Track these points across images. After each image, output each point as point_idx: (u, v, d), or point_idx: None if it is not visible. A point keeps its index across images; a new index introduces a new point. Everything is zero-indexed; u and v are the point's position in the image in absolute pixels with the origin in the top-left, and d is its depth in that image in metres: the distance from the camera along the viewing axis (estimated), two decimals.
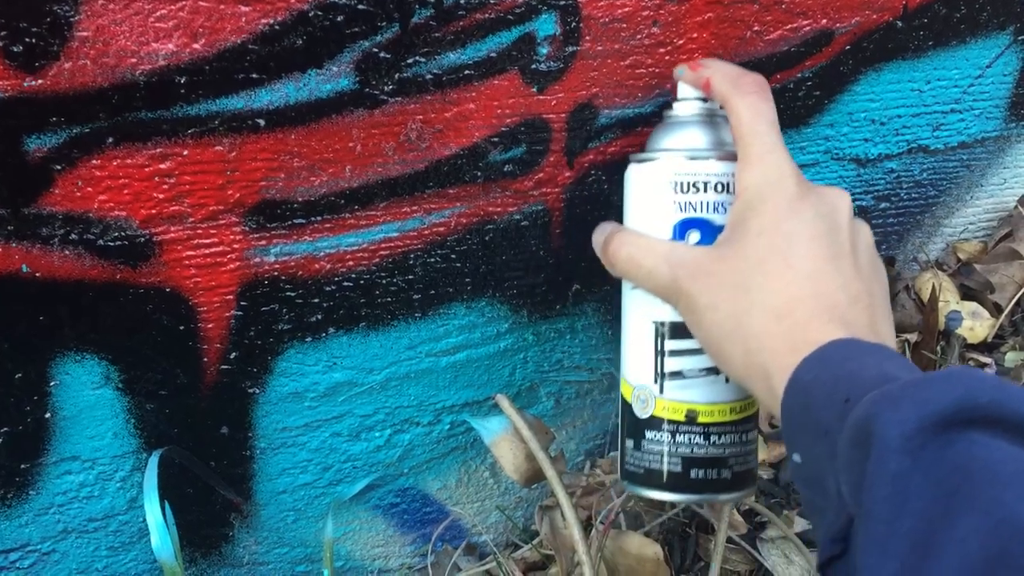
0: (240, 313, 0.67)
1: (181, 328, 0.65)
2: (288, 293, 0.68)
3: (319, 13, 0.59)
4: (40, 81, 0.54)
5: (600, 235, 0.59)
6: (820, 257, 0.50)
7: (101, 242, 0.60)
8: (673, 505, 0.84)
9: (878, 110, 0.88)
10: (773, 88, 0.80)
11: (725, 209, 0.55)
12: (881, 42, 0.84)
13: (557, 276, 0.79)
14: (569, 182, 0.74)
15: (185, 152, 0.60)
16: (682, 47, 0.73)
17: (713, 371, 0.57)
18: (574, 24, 0.67)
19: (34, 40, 0.53)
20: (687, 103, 0.59)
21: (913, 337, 1.03)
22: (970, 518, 0.32)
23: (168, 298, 0.64)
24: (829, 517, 0.41)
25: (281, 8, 0.58)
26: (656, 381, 0.57)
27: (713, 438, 0.57)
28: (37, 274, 0.59)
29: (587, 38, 0.68)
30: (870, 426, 0.36)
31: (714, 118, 0.59)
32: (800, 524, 0.91)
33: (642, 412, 0.58)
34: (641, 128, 0.75)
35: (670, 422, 0.57)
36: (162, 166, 0.60)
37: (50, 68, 0.54)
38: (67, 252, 0.59)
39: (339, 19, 0.60)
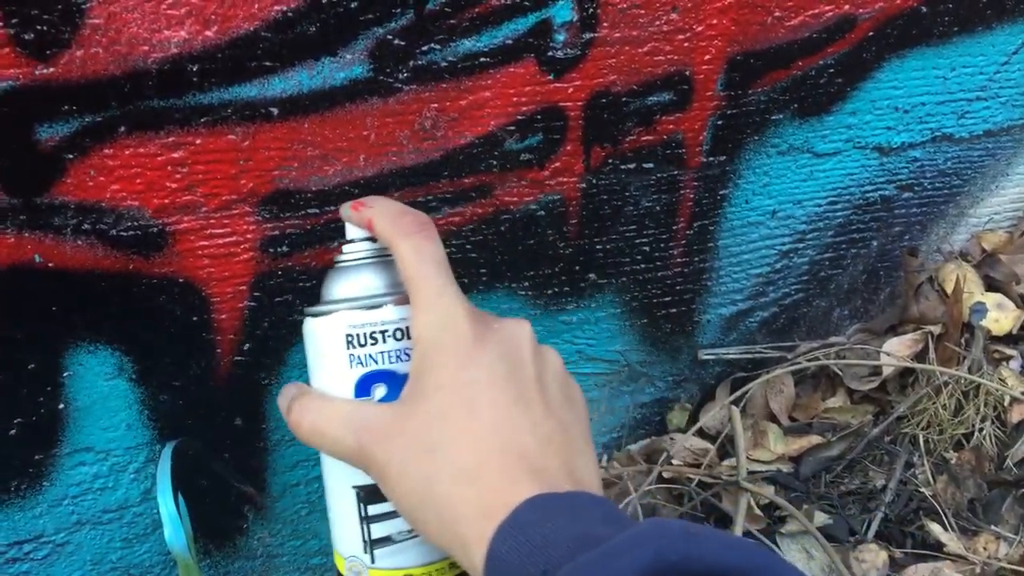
0: (254, 304, 0.66)
1: (194, 319, 0.65)
2: (302, 283, 0.67)
3: (332, 0, 0.58)
4: (52, 69, 0.54)
5: (284, 400, 0.54)
6: (504, 403, 0.46)
7: (114, 232, 0.59)
8: None
9: (902, 98, 0.87)
10: (793, 76, 0.79)
11: (408, 356, 0.51)
12: (905, 28, 0.82)
13: (574, 266, 0.78)
14: (586, 171, 0.73)
15: (198, 141, 0.59)
16: (701, 33, 0.71)
17: None
18: (591, 10, 0.66)
19: (46, 28, 0.53)
20: (356, 245, 0.54)
21: (937, 329, 1.01)
22: None
23: (181, 288, 0.63)
24: None
25: None
26: (366, 550, 0.52)
27: None
28: (50, 264, 0.59)
29: (604, 24, 0.67)
30: None
31: (386, 258, 0.54)
32: (820, 518, 0.90)
33: None
34: (660, 117, 0.74)
35: None
36: (175, 155, 0.59)
37: (62, 56, 0.54)
38: (79, 242, 0.59)
39: (353, 5, 0.59)
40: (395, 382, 0.51)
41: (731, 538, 0.37)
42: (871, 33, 0.81)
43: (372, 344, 0.51)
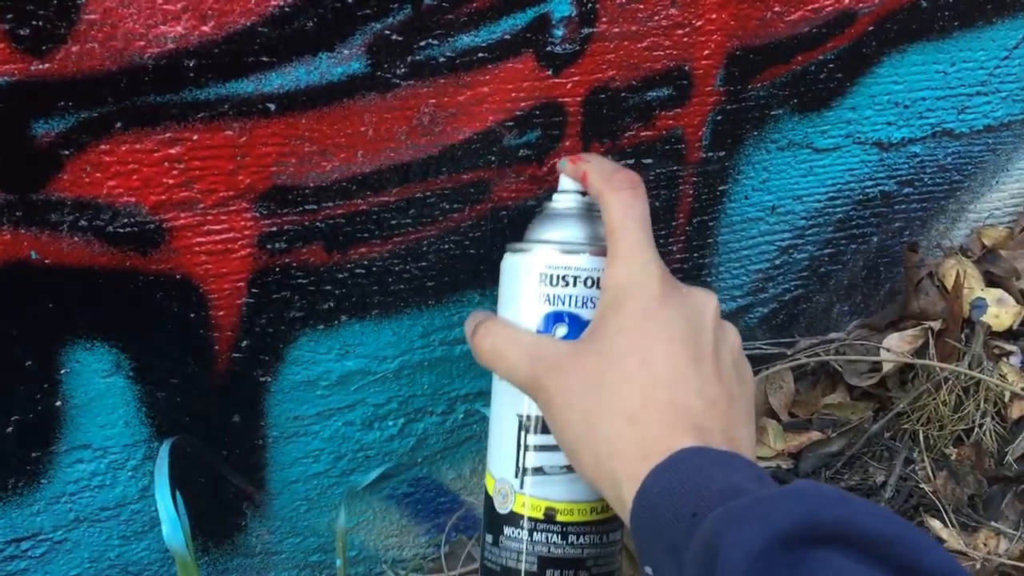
0: (251, 300, 0.66)
1: (192, 316, 0.65)
2: (300, 280, 0.67)
3: None
4: (47, 65, 0.53)
5: (470, 323, 0.58)
6: (678, 360, 0.49)
7: (110, 228, 0.59)
8: None
9: (902, 93, 0.86)
10: (793, 71, 0.79)
11: (594, 304, 0.55)
12: (905, 23, 0.82)
13: None
14: None
15: (195, 137, 0.59)
16: (701, 28, 0.71)
17: (574, 469, 0.54)
18: (590, 5, 0.66)
19: (41, 23, 0.52)
20: (566, 196, 0.59)
21: (937, 325, 1.01)
22: None
23: (178, 285, 0.63)
24: None
25: None
26: (517, 476, 0.56)
27: (572, 538, 0.55)
28: (46, 261, 0.58)
29: (603, 19, 0.67)
30: (715, 546, 0.36)
31: (591, 212, 0.58)
32: None
33: (502, 507, 0.57)
34: (659, 112, 0.74)
35: (529, 519, 0.55)
36: (172, 151, 0.59)
37: (57, 52, 0.53)
38: (76, 239, 0.59)
39: (350, 0, 0.59)
40: (577, 325, 0.55)
41: (886, 511, 0.37)
42: (871, 28, 0.80)
43: (564, 286, 0.55)
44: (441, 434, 0.81)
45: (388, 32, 0.61)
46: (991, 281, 1.06)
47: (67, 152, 0.56)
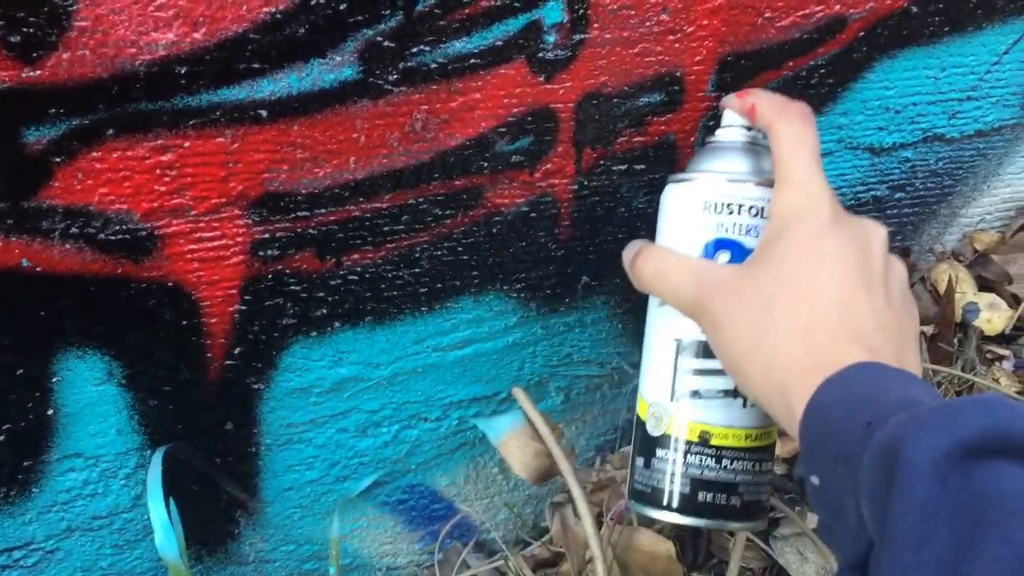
0: (244, 307, 0.66)
1: (184, 323, 0.64)
2: (292, 287, 0.67)
3: (321, 1, 0.58)
4: (38, 72, 0.53)
5: (630, 250, 0.59)
6: (849, 283, 0.49)
7: (102, 236, 0.59)
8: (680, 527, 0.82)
9: (893, 98, 0.87)
10: (784, 77, 0.79)
11: (757, 234, 0.55)
12: (895, 28, 0.82)
13: (566, 269, 0.78)
14: (577, 173, 0.73)
15: (186, 144, 0.59)
16: (692, 34, 0.71)
17: (731, 394, 0.56)
18: (582, 11, 0.66)
19: (32, 30, 0.52)
20: (730, 130, 0.59)
21: (929, 329, 1.01)
22: (996, 547, 0.32)
23: (171, 292, 0.63)
24: (848, 544, 0.40)
25: None
26: (672, 399, 0.57)
27: (725, 462, 0.56)
28: (38, 268, 0.58)
29: (595, 25, 0.67)
30: (897, 450, 0.35)
31: (755, 146, 0.59)
32: (814, 520, 0.90)
33: (655, 430, 0.57)
34: (651, 118, 0.74)
35: (683, 441, 0.56)
36: (163, 158, 0.59)
37: (48, 59, 0.53)
38: (68, 246, 0.58)
39: (342, 7, 0.59)
40: (739, 253, 0.55)
41: None
42: (862, 33, 0.81)
43: (728, 213, 0.55)
44: (435, 440, 0.81)
45: (380, 38, 0.61)
46: (983, 285, 1.06)
47: (58, 159, 0.56)
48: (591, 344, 0.84)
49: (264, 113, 0.60)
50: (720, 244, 0.56)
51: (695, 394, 0.56)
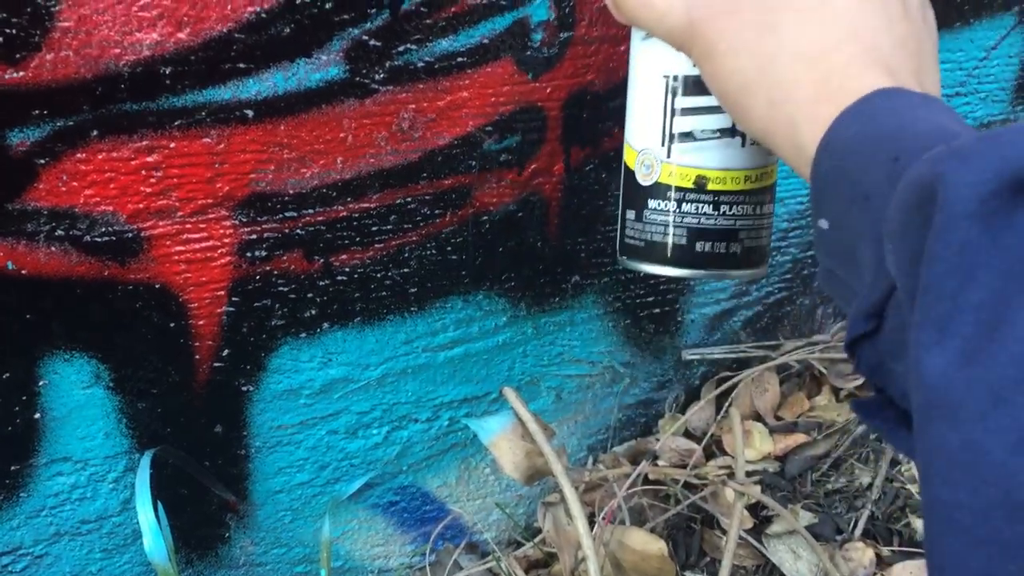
0: (232, 309, 0.65)
1: (172, 325, 0.64)
2: (281, 288, 0.66)
3: (307, 0, 0.58)
4: (22, 73, 0.53)
5: None
6: None
7: (88, 238, 0.59)
8: (677, 280, 0.77)
9: None
10: None
11: None
12: None
13: (555, 267, 0.78)
14: (566, 171, 0.73)
15: (172, 144, 0.58)
16: None
17: (728, 133, 0.50)
18: (568, 9, 0.66)
19: (15, 31, 0.52)
20: None
21: None
22: None
23: (158, 294, 0.63)
24: (862, 290, 0.36)
25: None
26: (663, 143, 0.51)
27: (723, 208, 0.51)
28: (23, 271, 0.58)
29: (582, 23, 0.67)
30: (935, 187, 0.31)
31: None
32: (807, 517, 0.90)
33: (646, 179, 0.52)
34: None
35: (677, 189, 0.51)
36: (149, 159, 0.58)
37: (32, 60, 0.53)
38: (53, 248, 0.58)
39: (328, 6, 0.59)
40: None
41: None
42: None
43: None
44: (426, 441, 0.81)
45: (366, 37, 0.60)
46: None
47: (43, 161, 0.56)
48: (581, 343, 0.84)
49: (250, 113, 0.60)
50: None
51: (688, 136, 0.51)
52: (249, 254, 0.64)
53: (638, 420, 0.96)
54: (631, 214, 0.54)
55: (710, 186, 0.51)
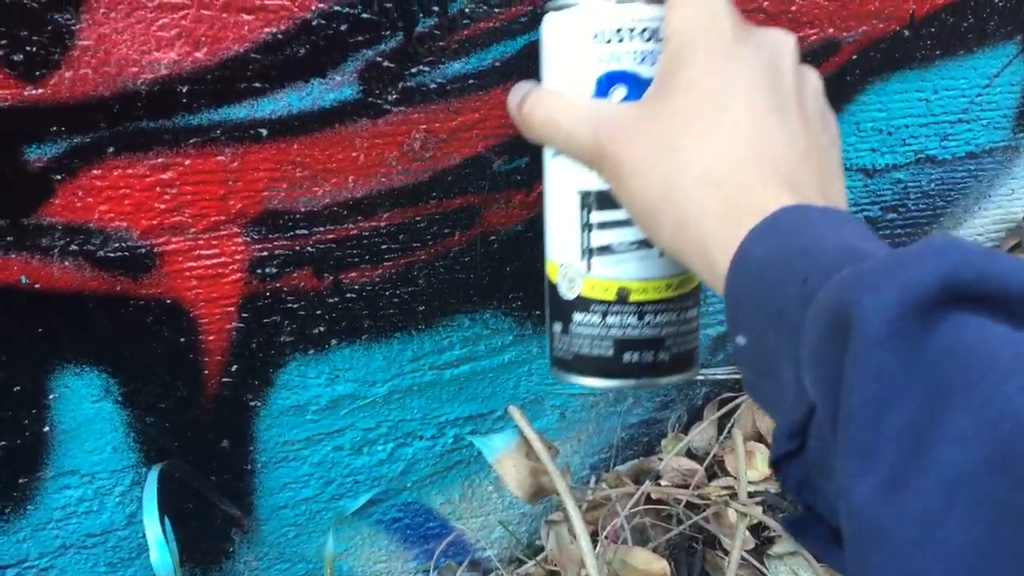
0: (242, 325, 0.66)
1: (182, 340, 0.65)
2: (290, 305, 0.67)
3: (322, 22, 0.59)
4: (41, 90, 0.54)
5: (515, 95, 0.52)
6: (761, 109, 0.43)
7: (101, 253, 0.59)
8: (609, 392, 0.77)
9: (885, 120, 0.88)
10: None
11: (654, 61, 0.48)
12: (888, 51, 0.83)
13: None
14: None
15: (187, 162, 0.59)
16: None
17: (646, 244, 0.51)
18: None
19: (35, 49, 0.53)
20: None
21: None
22: (965, 415, 0.28)
23: (169, 310, 0.63)
24: (785, 409, 0.36)
25: (284, 17, 0.58)
26: (583, 258, 0.51)
27: (647, 317, 0.51)
28: (36, 285, 0.58)
29: None
30: (846, 314, 0.31)
31: None
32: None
33: (569, 292, 0.52)
34: None
35: (600, 302, 0.51)
36: (163, 176, 0.59)
37: (51, 77, 0.54)
38: (67, 263, 0.59)
39: (342, 28, 0.59)
40: (637, 85, 0.48)
41: None
42: (854, 56, 0.82)
43: (618, 42, 0.48)
44: (430, 459, 0.81)
45: (380, 59, 0.61)
46: None
47: (59, 177, 0.56)
48: None
49: (264, 132, 0.60)
50: (613, 78, 0.49)
51: (607, 249, 0.51)
52: (260, 271, 0.65)
53: (641, 439, 0.96)
54: (558, 327, 0.54)
55: (632, 297, 0.51)
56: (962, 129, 0.93)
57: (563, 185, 0.52)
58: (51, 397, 0.62)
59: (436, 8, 0.61)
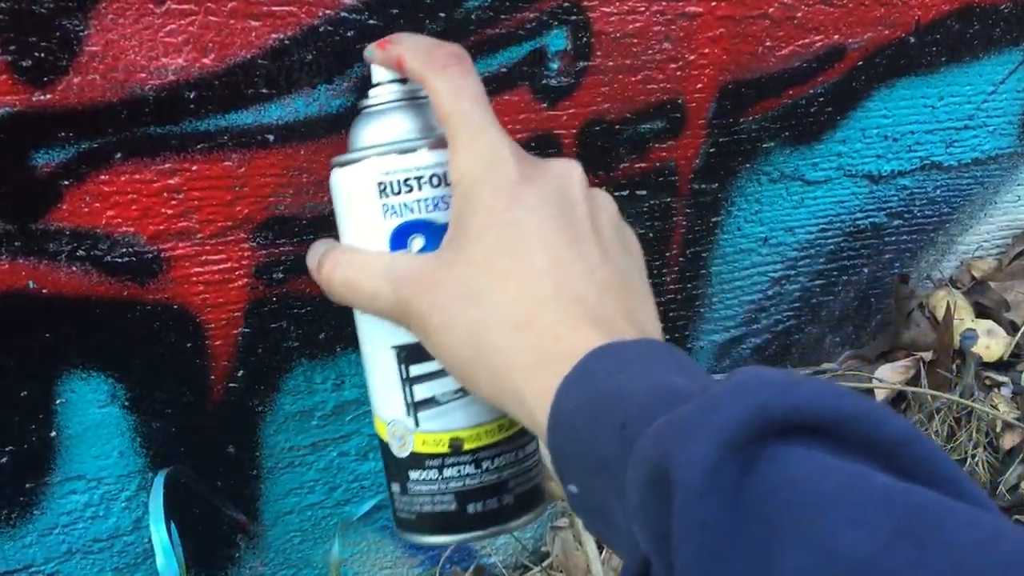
0: (248, 330, 0.66)
1: (188, 346, 0.65)
2: (296, 310, 0.67)
3: (329, 28, 0.59)
4: (49, 96, 0.54)
5: (313, 256, 0.51)
6: (555, 246, 0.43)
7: (108, 258, 0.59)
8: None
9: (891, 126, 0.88)
10: (784, 105, 0.80)
11: (448, 204, 0.47)
12: (894, 58, 0.83)
13: None
14: None
15: (194, 167, 0.59)
16: (693, 62, 0.72)
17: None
18: (585, 39, 0.67)
19: (43, 55, 0.53)
20: (384, 87, 0.50)
21: (928, 355, 1.01)
22: (794, 557, 0.28)
23: (176, 315, 0.63)
24: (624, 556, 0.36)
25: (291, 23, 0.58)
26: (409, 413, 0.49)
27: (485, 464, 0.49)
28: (44, 290, 0.58)
29: (598, 53, 0.68)
30: (666, 468, 0.31)
31: (416, 100, 0.50)
32: None
33: (401, 451, 0.50)
34: (653, 144, 0.75)
35: (434, 456, 0.49)
36: (171, 181, 0.59)
37: (59, 83, 0.54)
38: (74, 268, 0.59)
39: (349, 34, 0.60)
40: (433, 232, 0.47)
41: (837, 389, 0.33)
42: (860, 63, 0.82)
43: (407, 192, 0.47)
44: None
45: None
46: (981, 312, 1.06)
47: (67, 182, 0.56)
48: None
49: (271, 137, 0.60)
50: (408, 228, 0.48)
51: (431, 402, 0.49)
52: (266, 276, 0.65)
53: None
54: (396, 487, 0.52)
55: (466, 446, 0.49)
56: (968, 135, 0.93)
57: (377, 342, 0.50)
58: (58, 402, 0.62)
59: (443, 14, 0.62)
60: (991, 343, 1.03)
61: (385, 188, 0.47)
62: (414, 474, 0.50)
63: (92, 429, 0.64)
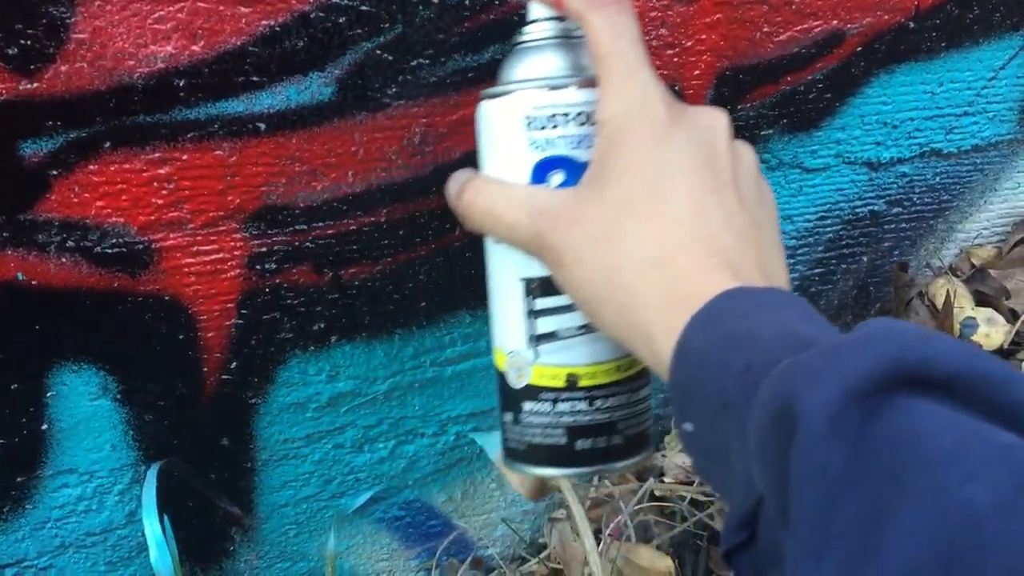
0: (241, 322, 0.65)
1: (181, 337, 0.64)
2: (290, 301, 0.66)
3: (320, 14, 0.58)
4: (36, 84, 0.53)
5: (454, 184, 0.52)
6: (698, 192, 0.43)
7: (98, 249, 0.59)
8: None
9: (890, 113, 0.87)
10: (782, 91, 0.79)
11: (590, 143, 0.48)
12: (893, 43, 0.83)
13: None
14: None
15: (184, 157, 0.58)
16: (690, 48, 0.71)
17: (591, 328, 0.50)
18: None
19: (29, 42, 0.52)
20: (539, 25, 0.51)
21: None
22: (913, 509, 0.28)
23: (167, 306, 0.62)
24: (735, 495, 0.36)
25: (282, 9, 0.57)
26: (530, 345, 0.51)
27: (598, 403, 0.50)
28: (33, 282, 0.58)
29: None
30: (790, 408, 0.31)
31: (570, 40, 0.50)
32: None
33: (517, 381, 0.52)
34: None
35: (549, 390, 0.50)
36: (161, 171, 0.58)
37: (46, 71, 0.53)
38: (64, 259, 0.58)
39: (341, 20, 0.59)
40: (574, 169, 0.48)
41: (971, 348, 0.33)
42: (859, 48, 0.81)
43: (552, 128, 0.48)
44: (432, 456, 0.80)
45: (379, 51, 0.61)
46: (981, 300, 1.06)
47: (55, 172, 0.56)
48: None
49: (263, 126, 0.60)
50: (550, 164, 0.49)
51: (553, 336, 0.50)
52: (259, 267, 0.64)
53: None
54: (508, 417, 0.53)
55: (582, 383, 0.50)
56: (968, 122, 0.93)
57: (506, 273, 0.52)
58: (49, 395, 0.62)
59: (435, 0, 0.61)
60: (991, 331, 1.03)
61: (532, 122, 0.48)
62: (528, 405, 0.51)
63: (84, 422, 0.64)
